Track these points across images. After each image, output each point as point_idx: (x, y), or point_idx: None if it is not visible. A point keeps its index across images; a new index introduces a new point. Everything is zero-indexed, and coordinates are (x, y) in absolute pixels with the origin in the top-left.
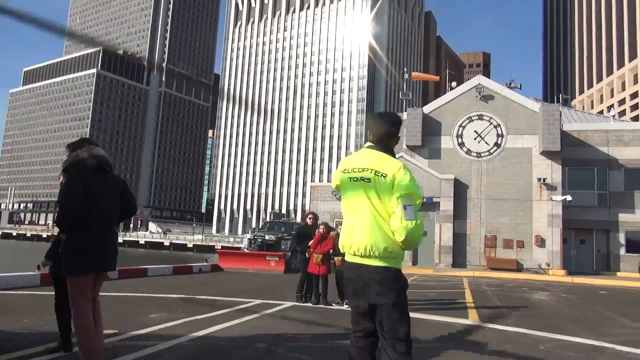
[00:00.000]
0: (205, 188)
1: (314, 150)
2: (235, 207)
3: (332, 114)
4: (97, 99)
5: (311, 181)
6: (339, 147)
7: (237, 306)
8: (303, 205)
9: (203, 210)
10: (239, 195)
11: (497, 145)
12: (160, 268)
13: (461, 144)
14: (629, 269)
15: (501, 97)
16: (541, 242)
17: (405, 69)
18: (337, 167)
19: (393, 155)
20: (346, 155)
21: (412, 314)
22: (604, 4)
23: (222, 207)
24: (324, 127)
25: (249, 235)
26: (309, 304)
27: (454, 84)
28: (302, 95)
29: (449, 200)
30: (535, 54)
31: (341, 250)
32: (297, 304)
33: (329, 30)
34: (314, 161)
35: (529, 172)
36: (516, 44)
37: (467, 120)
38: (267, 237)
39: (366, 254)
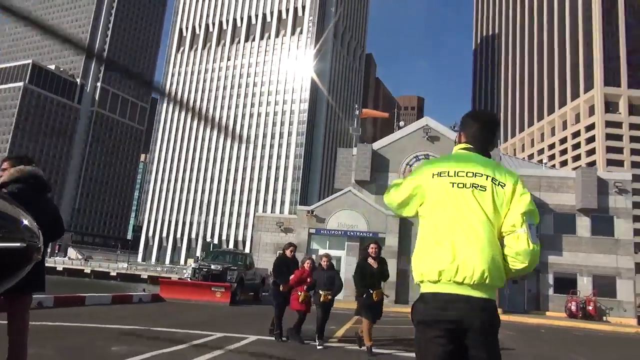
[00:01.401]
0: (133, 214)
1: (251, 180)
2: (164, 235)
3: (272, 146)
4: (21, 114)
5: (254, 212)
6: (276, 179)
7: (199, 339)
8: (237, 236)
9: (129, 237)
10: (170, 222)
11: None
12: (99, 297)
13: None
14: (557, 308)
15: (446, 138)
16: None
17: (356, 105)
18: (410, 172)
19: None
20: (285, 187)
21: (389, 351)
22: (535, 55)
23: (150, 234)
24: (262, 157)
25: (193, 265)
26: (272, 338)
27: (402, 123)
28: (242, 126)
29: (394, 236)
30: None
31: (429, 278)
32: (262, 337)
33: (272, 64)
34: (250, 191)
35: None
36: (448, 88)
37: (414, 159)
38: (213, 266)
39: (481, 281)
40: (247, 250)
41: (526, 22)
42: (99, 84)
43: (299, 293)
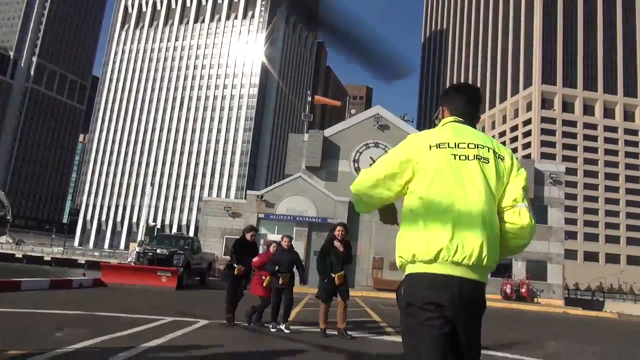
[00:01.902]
0: (70, 197)
1: (197, 164)
2: (103, 219)
3: (219, 130)
4: None
5: (199, 196)
6: (223, 163)
7: (148, 324)
8: (181, 220)
9: (65, 221)
10: (109, 206)
11: None
12: (36, 281)
13: (357, 169)
14: (493, 291)
15: (396, 128)
16: None
17: (308, 91)
18: (403, 145)
19: None
20: (232, 172)
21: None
22: (480, 52)
23: (88, 218)
24: (208, 141)
25: (137, 249)
26: (224, 322)
27: (353, 111)
28: (188, 108)
29: (342, 222)
30: (413, 90)
31: (423, 257)
32: (214, 321)
33: (222, 47)
34: (195, 175)
35: None
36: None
37: (364, 147)
38: (159, 250)
39: (478, 262)
40: (192, 234)
41: (472, 20)
42: (34, 59)
43: (263, 277)
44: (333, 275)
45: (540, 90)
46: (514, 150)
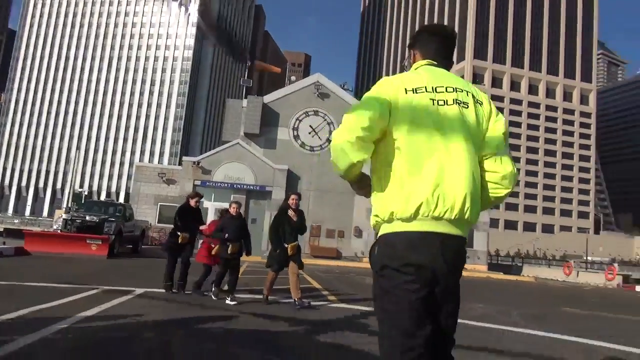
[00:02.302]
0: None
1: (127, 128)
2: (23, 184)
3: (151, 93)
4: None
5: (129, 161)
6: (155, 128)
7: (79, 293)
8: (110, 186)
9: None
10: (30, 171)
11: (329, 141)
12: None
13: (296, 137)
14: None
15: (336, 96)
16: (359, 233)
17: (248, 56)
18: (380, 86)
19: None
20: (165, 138)
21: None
22: (417, 23)
23: (6, 183)
24: (139, 105)
25: (64, 216)
26: (162, 290)
27: (293, 78)
28: (118, 68)
29: (281, 189)
30: (352, 59)
31: (401, 215)
32: (150, 290)
33: (154, 6)
34: (125, 140)
35: None
36: (335, 48)
37: (304, 115)
38: (88, 217)
39: (461, 216)
40: (121, 201)
41: None
42: None
43: (212, 245)
44: (286, 245)
45: (472, 65)
46: None
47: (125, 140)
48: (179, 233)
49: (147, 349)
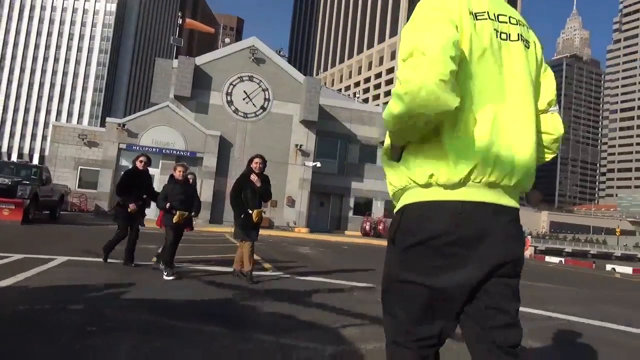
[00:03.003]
0: None
1: (42, 85)
2: None
3: (69, 48)
4: None
5: (44, 121)
6: (74, 87)
7: None
8: (22, 147)
9: None
10: None
11: (263, 108)
12: None
13: (230, 102)
14: (354, 228)
15: (272, 62)
16: (292, 203)
17: (179, 13)
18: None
19: None
20: (85, 98)
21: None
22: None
23: None
24: (56, 60)
25: None
26: (87, 259)
27: (227, 39)
28: (30, 18)
29: (212, 156)
30: (285, 27)
31: (447, 179)
32: (72, 258)
33: None
34: (40, 97)
35: (289, 138)
36: (268, 14)
37: (238, 80)
38: None
39: (518, 181)
40: (35, 163)
41: None
42: None
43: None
44: (250, 211)
45: None
46: (377, 97)
47: (40, 97)
48: (122, 201)
49: (73, 323)
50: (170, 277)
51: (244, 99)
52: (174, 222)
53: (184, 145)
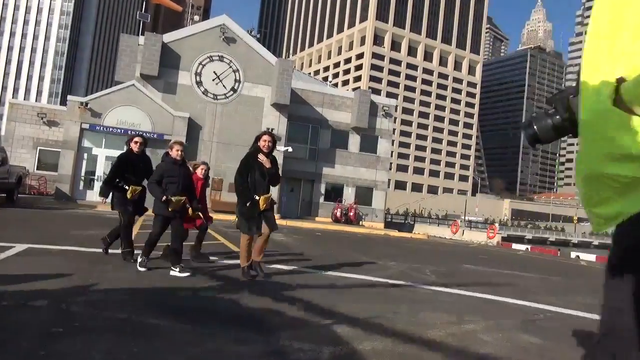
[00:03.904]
0: None
1: None
2: None
3: (26, 22)
4: None
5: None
6: (32, 63)
7: None
8: None
9: None
10: None
11: (234, 90)
12: None
13: (199, 83)
14: (325, 214)
15: (243, 42)
16: None
17: None
18: None
19: None
20: (44, 74)
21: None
22: None
23: None
24: (12, 34)
25: None
26: (48, 247)
27: (197, 17)
28: None
29: (180, 139)
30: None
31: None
32: (34, 246)
33: None
34: None
35: (260, 121)
36: None
37: (208, 60)
38: None
39: None
40: None
41: None
42: None
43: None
44: (257, 198)
45: (374, 26)
46: (346, 82)
47: None
48: (126, 187)
49: (36, 323)
50: (143, 269)
51: (213, 80)
52: (169, 209)
53: (151, 126)
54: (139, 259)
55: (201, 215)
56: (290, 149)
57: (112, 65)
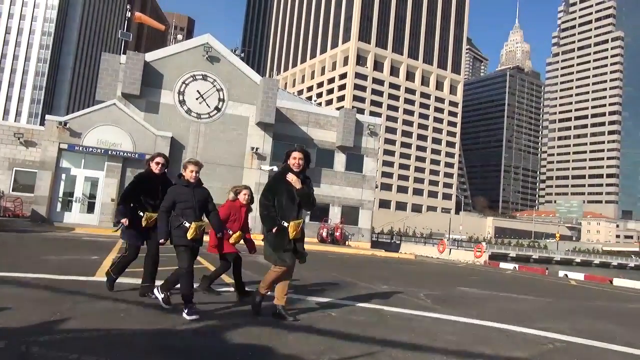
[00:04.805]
0: None
1: None
2: None
3: (6, 42)
4: None
5: None
6: (11, 84)
7: None
8: None
9: None
10: None
11: (217, 109)
12: None
13: (182, 102)
14: (310, 234)
15: (227, 61)
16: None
17: (128, 6)
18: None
19: None
20: (23, 95)
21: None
22: (305, 2)
23: None
24: None
25: None
26: (29, 275)
27: (180, 36)
28: None
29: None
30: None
31: None
32: (8, 274)
33: None
34: None
35: (244, 141)
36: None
37: (191, 79)
38: None
39: None
40: None
41: None
42: None
43: (230, 232)
44: (286, 224)
45: (357, 47)
46: (329, 102)
47: None
48: (141, 213)
49: None
50: (192, 317)
51: (197, 99)
52: (188, 237)
53: (132, 146)
54: (160, 295)
55: (246, 241)
56: (275, 168)
57: (93, 86)
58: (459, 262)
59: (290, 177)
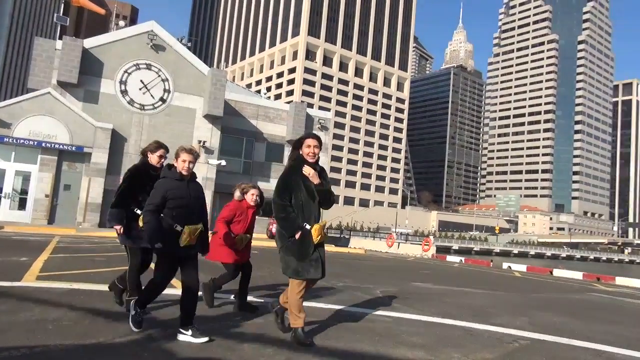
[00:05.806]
0: None
1: None
2: None
3: None
4: None
5: None
6: None
7: None
8: None
9: None
10: None
11: (162, 100)
12: None
13: (124, 92)
14: (259, 230)
15: (173, 50)
16: None
17: None
18: None
19: None
20: None
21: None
22: None
23: None
24: None
25: None
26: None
27: (122, 23)
28: None
29: (103, 152)
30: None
31: None
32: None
33: None
34: None
35: (191, 133)
36: (164, 6)
37: (134, 68)
38: None
39: None
40: None
41: None
42: None
43: (233, 235)
44: (308, 227)
45: (306, 41)
46: (278, 96)
47: None
48: (137, 211)
49: None
50: (201, 339)
51: (140, 89)
52: (181, 244)
53: (69, 138)
54: (131, 311)
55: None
56: (223, 163)
57: (26, 74)
58: (408, 256)
59: (307, 171)
